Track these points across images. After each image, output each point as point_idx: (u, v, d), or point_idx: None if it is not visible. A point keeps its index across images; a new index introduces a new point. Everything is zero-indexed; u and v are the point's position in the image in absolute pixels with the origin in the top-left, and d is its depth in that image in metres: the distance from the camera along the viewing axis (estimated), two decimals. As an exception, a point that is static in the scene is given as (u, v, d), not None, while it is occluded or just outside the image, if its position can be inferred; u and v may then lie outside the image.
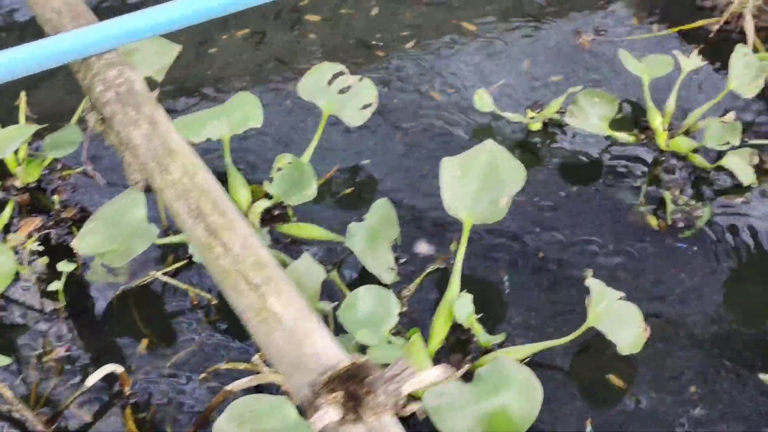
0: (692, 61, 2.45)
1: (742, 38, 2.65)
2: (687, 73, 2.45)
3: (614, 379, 1.89)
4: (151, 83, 2.35)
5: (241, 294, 1.25)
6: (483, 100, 2.44)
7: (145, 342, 2.01)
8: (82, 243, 1.98)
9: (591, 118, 2.35)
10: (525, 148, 2.44)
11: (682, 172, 2.35)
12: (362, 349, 1.81)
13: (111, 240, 1.98)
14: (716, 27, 2.75)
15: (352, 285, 2.00)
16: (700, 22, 2.78)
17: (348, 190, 2.34)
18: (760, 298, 2.05)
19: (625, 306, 1.86)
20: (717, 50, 2.70)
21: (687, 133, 2.40)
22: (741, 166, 2.25)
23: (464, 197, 1.98)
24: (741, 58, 2.37)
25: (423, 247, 2.18)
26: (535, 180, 2.31)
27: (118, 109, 1.51)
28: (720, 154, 2.32)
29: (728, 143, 2.30)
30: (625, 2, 2.92)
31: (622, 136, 2.40)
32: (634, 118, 2.50)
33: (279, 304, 1.23)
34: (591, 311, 1.85)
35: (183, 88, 2.64)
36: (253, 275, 1.28)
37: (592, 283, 1.87)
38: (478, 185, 1.98)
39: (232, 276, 1.28)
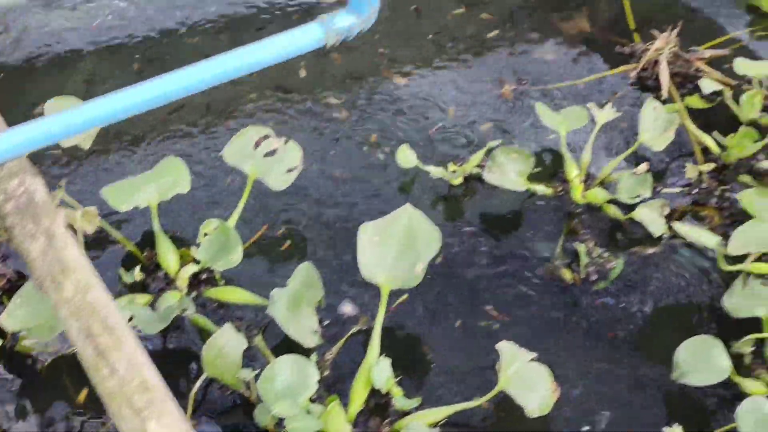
0: (606, 113, 2.54)
1: (659, 84, 2.75)
2: (601, 125, 2.54)
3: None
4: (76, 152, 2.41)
5: (124, 419, 1.31)
6: (406, 157, 2.51)
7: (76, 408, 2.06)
8: (9, 320, 2.03)
9: (509, 173, 2.43)
10: (447, 201, 2.51)
11: (598, 224, 2.43)
12: (281, 420, 1.88)
13: (37, 315, 2.03)
14: (633, 74, 2.84)
15: (280, 346, 2.07)
16: (620, 69, 2.87)
17: (279, 249, 2.40)
18: (667, 347, 2.14)
19: (536, 368, 1.94)
20: (635, 98, 2.80)
21: (602, 184, 2.49)
22: (652, 217, 2.35)
23: (382, 263, 2.05)
24: (650, 111, 2.47)
25: (347, 308, 2.25)
26: (457, 235, 2.39)
27: (17, 221, 1.56)
28: (633, 206, 2.41)
29: (639, 195, 2.39)
30: (550, 46, 3.00)
31: (540, 188, 2.48)
32: (554, 170, 2.58)
33: (158, 427, 1.29)
34: (502, 375, 1.93)
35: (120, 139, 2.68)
36: (137, 398, 1.34)
37: (502, 346, 1.96)
38: (396, 251, 2.06)
39: (116, 399, 1.34)
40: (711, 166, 2.54)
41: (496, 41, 2.99)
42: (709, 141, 2.55)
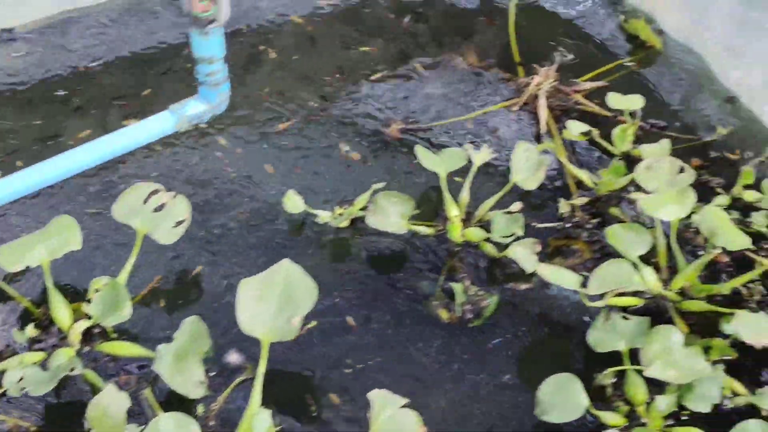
0: (482, 155, 2.66)
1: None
2: (478, 166, 2.66)
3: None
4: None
5: None
6: (293, 202, 2.61)
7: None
8: None
9: (391, 216, 2.54)
10: (334, 245, 2.62)
11: (477, 262, 2.56)
12: (162, 478, 1.98)
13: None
14: (516, 108, 2.97)
15: (171, 397, 2.17)
16: (501, 105, 3.00)
17: (172, 299, 2.49)
18: (537, 383, 2.27)
19: (406, 415, 2.06)
20: (518, 132, 2.93)
21: (481, 223, 2.61)
22: (525, 255, 2.47)
23: (263, 317, 2.15)
24: (522, 153, 2.60)
25: (233, 357, 2.35)
26: (341, 278, 2.50)
27: None
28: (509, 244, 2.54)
29: (513, 234, 2.52)
30: (440, 82, 3.12)
31: (422, 229, 2.60)
32: (436, 209, 2.70)
33: None
34: (373, 424, 2.04)
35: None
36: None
37: (374, 395, 2.07)
38: (276, 305, 2.16)
39: None
40: (584, 200, 2.67)
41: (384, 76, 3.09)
42: (583, 175, 2.69)
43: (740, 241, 2.31)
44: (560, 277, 2.25)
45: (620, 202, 2.68)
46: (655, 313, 2.42)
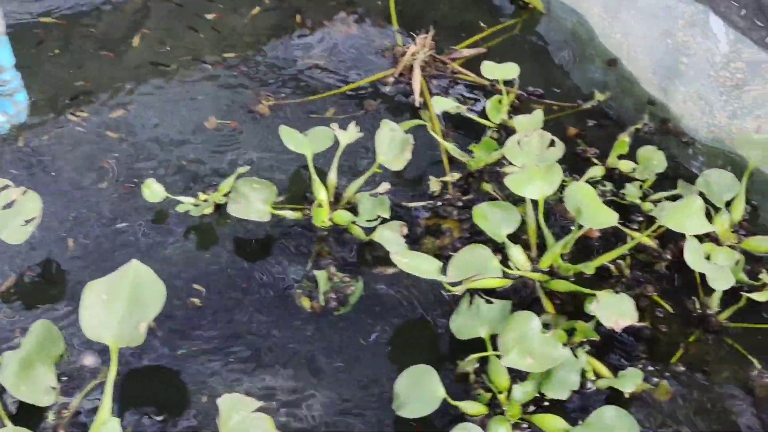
0: (349, 134, 2.57)
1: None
2: (345, 146, 2.57)
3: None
4: None
5: None
6: (152, 190, 2.51)
7: None
8: None
9: (254, 203, 2.45)
10: (198, 231, 2.52)
11: (346, 246, 2.48)
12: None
13: None
14: (392, 80, 2.87)
15: (23, 404, 2.09)
16: (375, 77, 2.89)
17: (27, 298, 2.38)
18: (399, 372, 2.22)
19: (257, 419, 1.99)
20: (394, 108, 2.83)
21: (349, 204, 2.53)
22: (391, 238, 2.40)
23: (111, 322, 2.07)
24: (387, 133, 2.51)
25: (89, 360, 2.26)
26: (204, 267, 2.41)
27: None
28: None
29: (379, 217, 2.44)
30: (316, 52, 3.00)
31: (289, 213, 2.51)
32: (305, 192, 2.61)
33: None
34: (222, 430, 1.98)
35: None
36: None
37: (223, 399, 2.00)
38: (124, 309, 2.07)
39: None
40: (456, 176, 2.60)
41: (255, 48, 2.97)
42: (455, 151, 2.61)
43: (604, 219, 2.26)
44: (417, 266, 2.18)
45: (494, 177, 2.61)
46: (524, 294, 2.38)
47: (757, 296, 2.15)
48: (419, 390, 2.08)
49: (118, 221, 2.52)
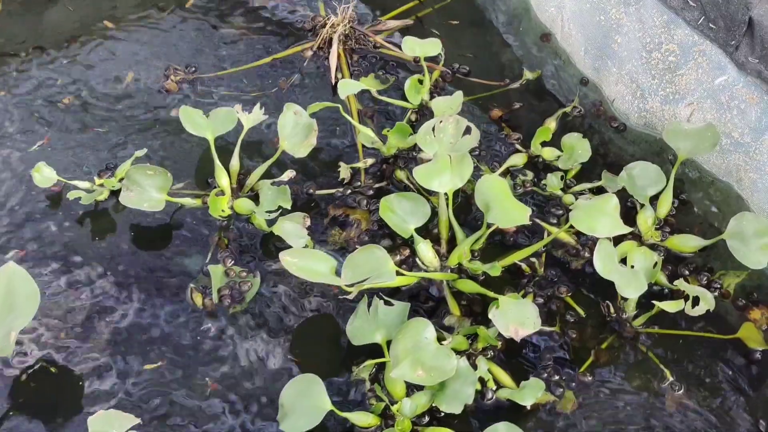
0: (254, 116, 2.41)
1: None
2: (248, 129, 2.41)
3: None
4: None
5: None
6: (43, 175, 2.35)
7: None
8: None
9: (148, 191, 2.30)
10: (93, 221, 2.38)
11: (244, 238, 2.34)
12: None
13: None
14: (310, 54, 2.69)
15: None
16: (291, 50, 2.72)
17: None
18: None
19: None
20: (312, 85, 2.66)
21: (253, 192, 2.38)
22: (293, 230, 2.25)
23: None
24: (290, 117, 2.35)
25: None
26: (96, 259, 2.27)
27: None
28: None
29: (281, 208, 2.29)
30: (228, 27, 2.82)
31: (188, 201, 2.36)
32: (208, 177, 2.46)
33: None
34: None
35: None
36: None
37: (93, 420, 1.86)
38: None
39: None
40: (369, 162, 2.44)
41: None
42: (369, 134, 2.45)
43: (514, 217, 2.11)
44: (308, 268, 2.04)
45: (410, 164, 2.45)
46: (431, 293, 2.24)
47: (667, 306, 2.01)
48: (304, 401, 1.96)
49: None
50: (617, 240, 2.19)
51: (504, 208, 2.13)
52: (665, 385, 2.07)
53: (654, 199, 2.31)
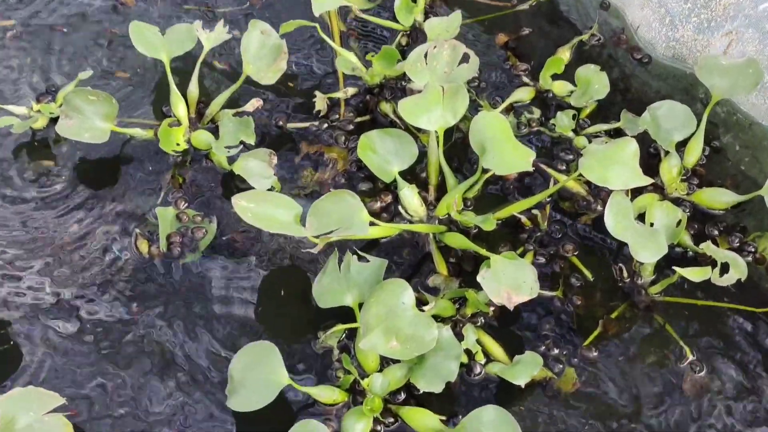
0: (215, 35, 2.07)
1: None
2: (209, 50, 2.07)
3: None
4: None
5: None
6: (-29, 98, 2.03)
7: None
8: None
9: (91, 118, 1.98)
10: (30, 152, 2.06)
11: (202, 177, 2.02)
12: None
13: None
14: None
15: None
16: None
17: None
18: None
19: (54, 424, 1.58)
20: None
21: (214, 123, 2.05)
22: (257, 169, 1.93)
23: None
24: (256, 37, 2.02)
25: None
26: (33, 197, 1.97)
27: None
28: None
29: (242, 143, 1.97)
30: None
31: (138, 132, 2.04)
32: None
33: None
34: None
35: None
36: None
37: (9, 396, 1.58)
38: None
39: None
40: (350, 92, 2.10)
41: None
42: (351, 59, 2.10)
43: (513, 162, 1.78)
44: (266, 216, 1.72)
45: (398, 95, 2.11)
46: (415, 247, 1.92)
47: (691, 273, 1.68)
48: (257, 373, 1.65)
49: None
50: (635, 192, 1.86)
51: (502, 151, 1.79)
52: (684, 365, 1.76)
53: (681, 146, 1.97)
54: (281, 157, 2.01)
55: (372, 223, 1.73)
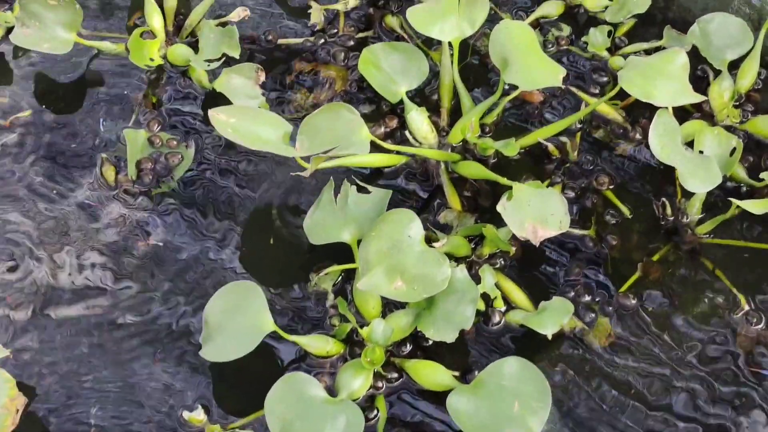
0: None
1: None
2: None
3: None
4: None
5: None
6: None
7: None
8: None
9: (51, 27, 1.71)
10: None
11: (181, 96, 1.76)
12: None
13: None
14: None
15: None
16: None
17: None
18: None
19: None
20: None
21: (194, 38, 1.78)
22: (242, 87, 1.68)
23: None
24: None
25: None
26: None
27: None
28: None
29: (225, 56, 1.70)
30: None
31: (106, 46, 1.78)
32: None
33: None
34: None
35: None
36: None
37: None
38: None
39: None
40: (350, 3, 1.83)
41: None
42: (352, -32, 1.82)
43: (540, 77, 1.52)
44: (249, 132, 1.45)
45: (405, 6, 1.83)
46: (425, 179, 1.65)
47: (749, 205, 1.41)
48: (236, 318, 1.39)
49: None
50: (681, 118, 1.58)
51: (528, 64, 1.53)
52: (738, 316, 1.49)
53: (734, 67, 1.68)
54: (271, 77, 1.74)
55: (375, 147, 1.47)
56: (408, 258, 1.38)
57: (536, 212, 1.40)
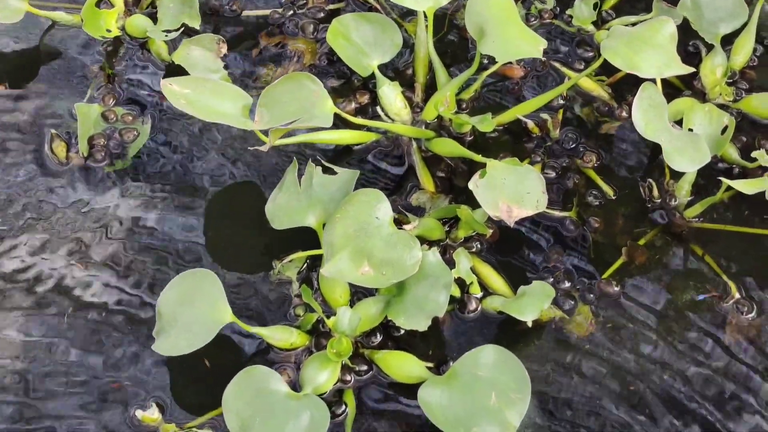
0: None
1: None
2: None
3: None
4: None
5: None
6: None
7: None
8: None
9: (4, -2, 1.60)
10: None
11: (138, 68, 1.65)
12: None
13: None
14: None
15: None
16: None
17: None
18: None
19: None
20: None
21: (154, 9, 1.68)
22: (202, 59, 1.59)
23: None
24: None
25: None
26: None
27: None
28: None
29: (184, 25, 1.60)
30: None
31: (60, 16, 1.68)
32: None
33: None
34: None
35: None
36: None
37: None
38: None
39: None
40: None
41: None
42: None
43: (518, 47, 1.41)
44: (202, 104, 1.34)
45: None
46: (396, 158, 1.55)
47: (741, 185, 1.32)
48: (191, 309, 1.29)
49: None
50: (671, 96, 1.49)
51: (506, 34, 1.43)
52: (728, 305, 1.40)
53: (727, 42, 1.58)
54: (236, 51, 1.65)
55: (344, 123, 1.37)
56: (376, 241, 1.29)
57: (511, 191, 1.31)
